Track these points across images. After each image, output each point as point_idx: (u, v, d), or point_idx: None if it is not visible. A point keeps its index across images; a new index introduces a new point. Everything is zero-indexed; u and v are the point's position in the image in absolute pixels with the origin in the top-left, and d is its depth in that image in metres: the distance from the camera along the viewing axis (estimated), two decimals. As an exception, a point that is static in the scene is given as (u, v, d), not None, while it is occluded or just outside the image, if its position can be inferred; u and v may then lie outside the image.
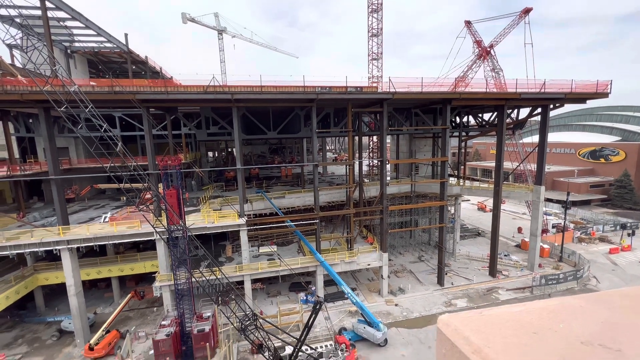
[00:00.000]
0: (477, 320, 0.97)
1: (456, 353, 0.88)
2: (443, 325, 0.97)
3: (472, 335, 0.89)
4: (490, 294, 31.77)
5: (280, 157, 67.05)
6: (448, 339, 0.92)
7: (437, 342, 1.00)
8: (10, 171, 29.31)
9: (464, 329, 0.92)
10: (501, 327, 0.92)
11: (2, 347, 25.74)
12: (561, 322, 0.90)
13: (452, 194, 38.62)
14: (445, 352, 0.93)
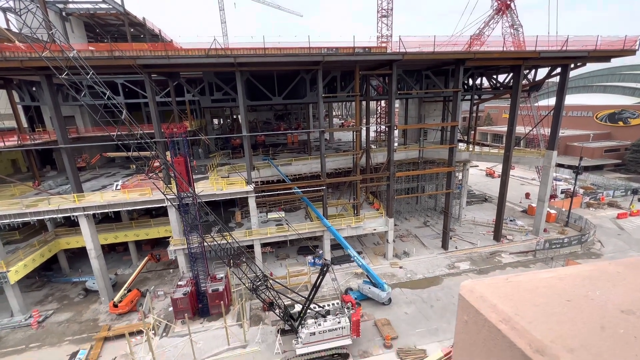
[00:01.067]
0: (504, 286, 0.93)
1: (481, 321, 0.85)
2: (466, 292, 0.93)
3: (500, 303, 0.86)
4: (493, 258, 32.55)
5: (286, 123, 66.04)
6: (472, 306, 0.89)
7: (458, 309, 0.97)
8: (21, 140, 29.67)
9: (491, 296, 0.89)
10: (531, 294, 0.89)
11: (34, 304, 27.97)
12: (598, 289, 0.86)
13: (460, 159, 38.07)
14: (467, 319, 0.91)
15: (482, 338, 0.86)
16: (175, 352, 21.62)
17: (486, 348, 0.84)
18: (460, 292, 0.96)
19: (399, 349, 21.21)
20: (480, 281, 0.98)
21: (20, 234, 30.03)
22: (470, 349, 0.90)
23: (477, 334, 0.87)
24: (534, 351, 0.68)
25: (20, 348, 23.02)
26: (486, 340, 0.84)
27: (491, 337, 0.83)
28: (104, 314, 26.24)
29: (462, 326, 0.94)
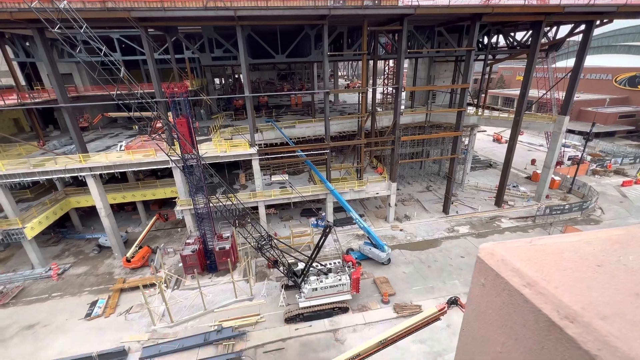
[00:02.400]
0: (527, 250, 0.89)
1: (500, 285, 0.83)
2: (486, 255, 0.90)
3: (524, 267, 0.82)
4: (492, 222, 33.14)
5: (290, 84, 63.74)
6: (491, 269, 0.86)
7: (475, 272, 0.94)
8: (21, 99, 29.16)
9: (513, 260, 0.85)
10: (556, 258, 0.84)
11: (52, 258, 29.58)
12: (630, 254, 0.82)
13: (468, 124, 37.08)
14: (485, 283, 0.88)
15: (501, 302, 0.84)
16: (186, 303, 23.21)
17: (504, 312, 0.82)
18: (479, 254, 0.92)
19: (396, 304, 22.54)
20: (501, 244, 0.94)
21: (31, 192, 30.81)
22: (487, 313, 0.89)
23: (495, 297, 0.85)
24: (562, 317, 0.65)
25: (44, 297, 24.82)
26: (505, 305, 0.82)
27: (511, 301, 0.81)
28: (118, 268, 27.80)
29: (479, 289, 0.91)
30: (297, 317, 21.40)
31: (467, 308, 0.99)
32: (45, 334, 21.37)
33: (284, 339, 20.32)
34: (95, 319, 22.35)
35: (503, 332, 0.84)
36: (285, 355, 19.28)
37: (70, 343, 20.54)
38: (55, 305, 23.87)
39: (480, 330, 0.92)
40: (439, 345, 19.45)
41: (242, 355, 19.14)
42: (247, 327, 21.09)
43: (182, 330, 21.23)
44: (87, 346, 19.87)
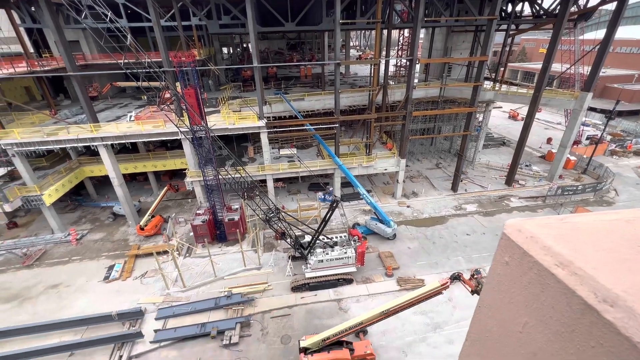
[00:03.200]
0: (559, 227, 0.83)
1: (528, 263, 0.77)
2: (513, 231, 0.84)
3: (556, 245, 0.76)
4: (501, 201, 32.82)
5: (300, 54, 61.58)
6: (518, 246, 0.80)
7: (498, 249, 0.89)
8: (30, 67, 29.05)
9: (544, 237, 0.79)
10: (593, 237, 0.78)
11: (70, 224, 30.88)
12: (678, 236, 0.75)
13: (484, 99, 35.64)
14: (509, 260, 0.83)
15: (527, 281, 0.79)
16: (197, 269, 24.27)
17: (530, 292, 0.78)
18: (505, 230, 0.86)
19: (399, 277, 23.11)
20: (530, 220, 0.88)
21: (46, 161, 31.58)
22: (509, 292, 0.85)
23: (521, 276, 0.80)
24: (600, 301, 0.60)
25: (65, 260, 26.25)
26: (532, 284, 0.78)
27: (540, 281, 0.76)
28: (132, 235, 28.93)
29: (501, 267, 0.87)
30: (303, 287, 22.23)
31: (486, 286, 0.95)
32: (68, 294, 22.85)
33: (290, 306, 21.27)
34: (113, 282, 23.68)
35: (526, 313, 0.80)
36: (291, 321, 20.28)
37: (91, 303, 21.97)
38: (75, 268, 25.29)
39: (499, 309, 0.89)
40: (439, 317, 20.11)
41: (250, 319, 20.21)
42: (255, 294, 22.08)
43: (194, 294, 22.38)
44: (107, 306, 21.23)
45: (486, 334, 0.93)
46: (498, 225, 28.99)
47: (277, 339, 19.11)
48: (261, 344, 18.88)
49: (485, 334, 0.93)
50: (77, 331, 19.82)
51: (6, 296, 22.84)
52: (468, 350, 1.00)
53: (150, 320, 20.38)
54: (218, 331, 19.13)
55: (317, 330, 19.08)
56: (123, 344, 18.74)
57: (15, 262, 25.93)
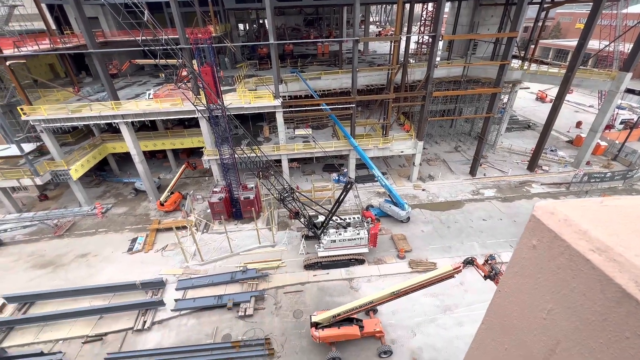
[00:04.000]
0: (598, 211, 0.76)
1: (559, 247, 0.72)
2: (544, 214, 0.78)
3: (594, 229, 0.70)
4: (521, 187, 31.76)
5: (317, 31, 59.65)
6: (549, 229, 0.75)
7: (526, 231, 0.83)
8: (53, 44, 29.60)
9: (580, 220, 0.73)
10: (637, 222, 0.71)
11: (96, 198, 32.46)
12: None
13: (510, 79, 33.69)
14: (537, 244, 0.78)
15: (556, 266, 0.74)
16: (214, 245, 25.21)
17: (559, 278, 0.73)
18: (535, 213, 0.80)
19: (411, 260, 23.21)
20: (565, 202, 0.81)
21: (71, 137, 32.85)
22: (534, 277, 0.80)
23: (550, 261, 0.76)
24: (643, 290, 0.54)
25: (92, 231, 27.85)
26: (562, 270, 0.73)
27: (571, 266, 0.71)
28: (153, 210, 30.17)
29: (527, 251, 0.81)
30: (316, 265, 22.76)
31: (509, 270, 0.90)
32: (96, 263, 24.41)
33: (303, 283, 21.92)
34: (136, 254, 25.03)
35: (552, 299, 0.76)
36: (303, 297, 20.97)
37: (117, 272, 23.42)
38: (102, 239, 26.82)
39: (522, 294, 0.85)
40: (449, 300, 20.23)
41: (264, 293, 21.04)
42: (269, 270, 22.83)
43: (211, 268, 23.40)
44: (131, 275, 22.59)
45: (505, 318, 0.90)
46: (516, 211, 28.23)
47: (290, 313, 19.88)
48: (274, 317, 19.72)
49: (504, 318, 0.90)
50: (105, 297, 21.32)
51: (42, 263, 24.67)
52: (484, 334, 0.98)
53: (171, 290, 21.59)
54: (234, 303, 20.09)
55: (328, 306, 19.68)
56: (147, 311, 20.05)
57: (48, 232, 27.75)
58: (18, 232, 27.73)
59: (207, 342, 18.29)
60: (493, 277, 13.87)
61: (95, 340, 18.75)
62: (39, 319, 19.76)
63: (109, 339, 18.83)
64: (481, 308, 19.59)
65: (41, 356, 17.59)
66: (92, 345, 18.52)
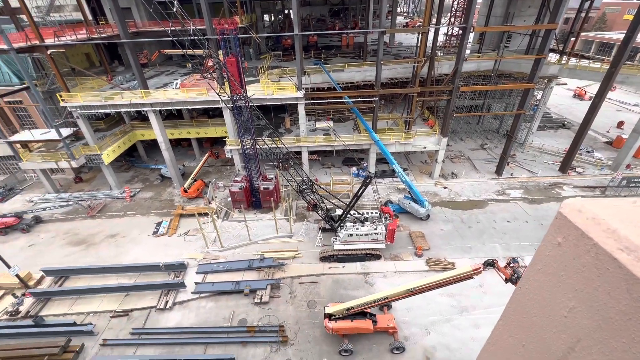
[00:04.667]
0: (629, 210, 0.72)
1: (585, 246, 0.70)
2: (571, 211, 0.75)
3: (623, 228, 0.67)
4: (551, 189, 30.18)
5: (342, 21, 58.75)
6: (575, 227, 0.72)
7: (551, 228, 0.81)
8: (89, 33, 31.08)
9: (610, 219, 0.70)
10: (673, 224, 0.68)
11: (125, 182, 34.18)
12: None
13: (546, 75, 31.80)
14: (562, 242, 0.75)
15: (580, 264, 0.72)
16: (234, 232, 25.95)
17: (583, 276, 0.71)
18: (562, 210, 0.77)
19: (429, 258, 22.82)
20: (595, 201, 0.78)
21: (104, 123, 34.60)
22: (557, 274, 0.78)
23: (575, 259, 0.73)
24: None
25: (121, 213, 29.44)
26: (586, 268, 0.71)
27: (597, 265, 0.68)
28: (177, 196, 31.40)
29: (552, 248, 0.79)
30: (332, 258, 22.91)
31: (531, 267, 0.88)
32: (124, 243, 25.86)
33: (318, 275, 22.18)
34: (161, 237, 26.25)
35: (575, 297, 0.74)
36: (318, 288, 21.24)
37: (142, 253, 24.71)
38: (129, 222, 28.32)
39: (543, 291, 0.83)
40: (467, 301, 19.80)
41: (280, 282, 21.50)
42: (285, 259, 23.26)
43: (230, 254, 24.16)
44: (155, 257, 23.76)
45: (524, 315, 0.88)
46: (544, 214, 26.93)
47: (304, 303, 20.23)
48: (289, 305, 20.15)
49: (523, 315, 0.88)
50: (131, 276, 22.62)
51: (76, 240, 26.46)
52: (501, 331, 0.96)
53: (192, 273, 22.54)
54: (250, 289, 20.69)
55: (342, 299, 19.84)
56: (169, 291, 21.10)
57: (81, 212, 29.63)
58: (55, 211, 29.81)
59: (224, 325, 19.03)
60: (515, 281, 13.40)
61: (122, 315, 20.00)
62: (72, 292, 21.31)
63: (134, 315, 20.02)
64: (500, 312, 18.99)
65: (74, 326, 19.02)
66: (119, 320, 19.78)
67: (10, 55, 24.22)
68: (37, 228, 27.89)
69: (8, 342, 18.67)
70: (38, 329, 18.92)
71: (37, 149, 31.31)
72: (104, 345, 18.23)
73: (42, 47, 25.60)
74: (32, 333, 18.86)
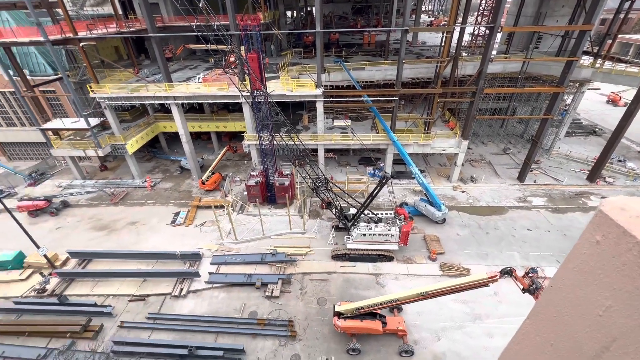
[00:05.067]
0: (678, 210, 0.68)
1: (626, 244, 0.66)
2: (613, 209, 0.71)
3: (671, 228, 0.63)
4: (577, 199, 28.82)
5: (365, 19, 58.17)
6: (617, 225, 0.68)
7: (590, 226, 0.77)
8: (119, 27, 32.28)
9: (656, 218, 0.66)
10: None
11: (146, 172, 35.39)
12: None
13: (577, 78, 30.28)
14: (601, 240, 0.71)
15: (621, 263, 0.68)
16: (248, 226, 26.36)
17: (623, 275, 0.67)
18: (602, 208, 0.73)
19: (443, 263, 22.35)
20: (637, 199, 0.73)
21: (129, 115, 35.91)
22: (594, 273, 0.74)
23: (614, 257, 0.69)
24: None
25: (142, 202, 30.52)
26: (627, 267, 0.67)
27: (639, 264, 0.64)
28: (195, 188, 32.21)
29: (589, 247, 0.75)
30: (343, 256, 22.87)
31: (565, 265, 0.84)
32: (143, 231, 26.82)
33: (329, 272, 22.21)
34: (178, 227, 27.03)
35: (612, 296, 0.70)
36: (328, 286, 21.28)
37: (160, 241, 25.54)
38: (149, 210, 29.32)
39: (578, 290, 0.79)
40: (481, 309, 19.28)
41: (291, 278, 21.68)
42: (297, 255, 23.42)
43: (243, 247, 24.58)
44: (172, 246, 24.51)
45: (554, 314, 0.84)
46: (568, 224, 25.77)
47: (314, 300, 20.33)
48: (299, 301, 20.30)
49: (554, 314, 0.85)
50: (149, 262, 23.44)
51: (99, 225, 27.69)
52: (529, 329, 0.93)
53: (206, 263, 23.11)
54: (262, 283, 20.99)
55: (352, 298, 19.79)
56: (184, 280, 21.73)
57: (105, 199, 30.95)
58: (81, 197, 31.28)
59: (235, 316, 19.42)
60: (533, 292, 12.93)
61: (139, 299, 20.79)
62: (94, 274, 22.35)
63: (150, 300, 20.76)
64: (515, 322, 18.40)
65: (95, 307, 19.96)
66: (137, 304, 20.58)
67: (46, 46, 25.50)
68: (64, 212, 29.38)
69: (35, 318, 19.83)
70: (62, 307, 19.98)
71: (67, 137, 32.91)
72: (121, 327, 19.02)
73: (75, 39, 26.80)
74: (57, 311, 19.93)
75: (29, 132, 35.45)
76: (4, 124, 35.82)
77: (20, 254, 23.10)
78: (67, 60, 32.87)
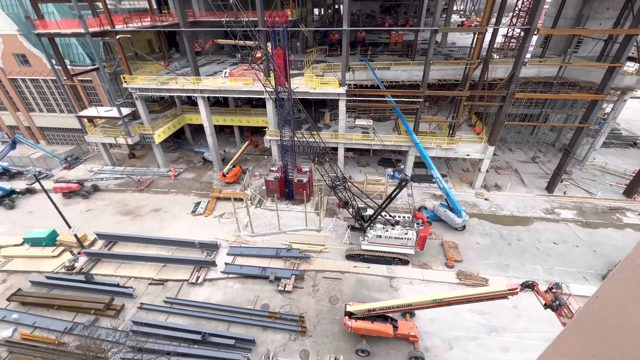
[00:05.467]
0: None
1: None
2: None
3: None
4: (611, 214, 27.07)
5: (393, 18, 57.21)
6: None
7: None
8: (152, 21, 33.55)
9: None
10: None
11: (171, 162, 36.67)
12: None
13: (619, 86, 28.35)
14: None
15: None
16: (265, 220, 26.74)
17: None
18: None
19: (460, 271, 21.71)
20: None
21: (158, 106, 37.29)
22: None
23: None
24: None
25: (165, 190, 31.70)
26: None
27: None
28: (216, 180, 33.05)
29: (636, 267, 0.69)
30: (358, 257, 22.72)
31: (615, 276, 0.78)
32: (166, 218, 27.85)
33: (342, 272, 22.15)
34: (198, 216, 27.85)
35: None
36: (340, 285, 21.23)
37: (181, 229, 26.43)
38: (172, 199, 30.40)
39: (630, 303, 0.73)
40: (497, 321, 18.59)
41: (304, 274, 21.82)
42: (312, 252, 23.51)
43: (259, 240, 24.97)
44: (192, 234, 25.29)
45: (598, 325, 0.79)
46: (599, 240, 24.28)
47: (326, 298, 20.36)
48: (311, 298, 20.40)
49: (597, 325, 0.79)
50: (169, 249, 24.33)
51: (125, 210, 29.03)
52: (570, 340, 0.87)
53: (223, 254, 23.69)
54: (276, 277, 21.27)
55: (364, 299, 19.65)
56: (201, 268, 22.40)
57: (132, 186, 32.38)
58: (110, 182, 32.91)
59: (248, 307, 19.80)
60: (556, 308, 12.29)
61: (158, 284, 21.64)
62: (119, 256, 23.48)
63: (169, 285, 21.56)
64: (534, 338, 17.62)
65: (117, 287, 20.98)
66: (156, 288, 21.44)
67: (86, 38, 26.91)
68: (94, 195, 31.04)
69: (64, 293, 21.12)
70: (88, 285, 21.17)
71: (100, 124, 34.68)
72: (140, 308, 19.90)
73: (113, 32, 28.10)
74: (83, 288, 21.14)
75: (66, 118, 37.66)
76: (45, 109, 38.23)
77: (53, 232, 24.65)
78: (103, 52, 34.57)
